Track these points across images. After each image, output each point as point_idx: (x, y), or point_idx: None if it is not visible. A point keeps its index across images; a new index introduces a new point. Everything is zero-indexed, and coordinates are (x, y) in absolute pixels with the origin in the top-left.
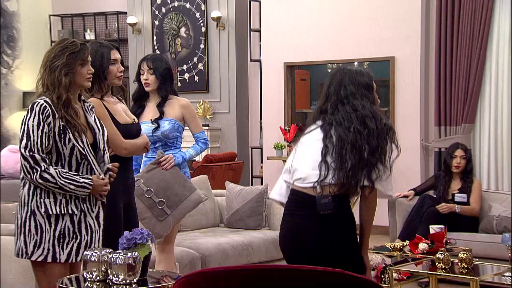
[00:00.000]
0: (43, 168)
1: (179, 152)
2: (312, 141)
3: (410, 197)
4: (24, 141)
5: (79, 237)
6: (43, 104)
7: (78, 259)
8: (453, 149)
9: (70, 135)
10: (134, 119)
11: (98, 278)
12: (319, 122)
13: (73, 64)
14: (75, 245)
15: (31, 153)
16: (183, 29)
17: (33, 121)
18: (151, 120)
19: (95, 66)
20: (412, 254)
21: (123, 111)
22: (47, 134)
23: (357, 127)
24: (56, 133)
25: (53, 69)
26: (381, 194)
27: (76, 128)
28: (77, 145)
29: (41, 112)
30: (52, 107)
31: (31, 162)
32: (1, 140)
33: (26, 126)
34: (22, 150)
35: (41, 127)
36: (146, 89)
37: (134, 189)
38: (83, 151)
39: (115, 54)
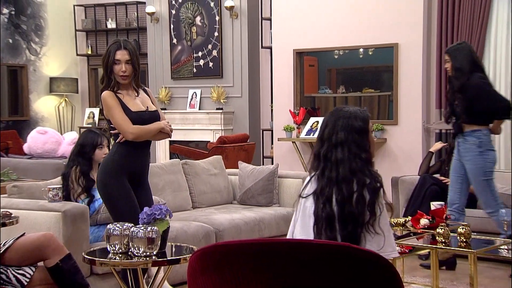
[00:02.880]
0: None
1: None
2: (309, 214)
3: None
4: None
5: None
6: None
7: None
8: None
9: None
10: (147, 107)
11: (120, 250)
12: (314, 183)
13: None
14: None
15: None
16: (198, 18)
17: None
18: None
19: (105, 62)
20: (414, 229)
21: (140, 102)
22: None
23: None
24: None
25: None
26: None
27: None
28: None
29: None
30: None
31: None
32: (30, 122)
33: None
34: None
35: None
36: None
37: (143, 173)
38: None
39: (118, 55)
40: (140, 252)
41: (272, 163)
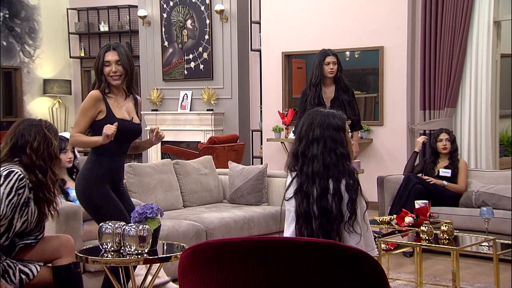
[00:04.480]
0: None
1: None
2: (292, 216)
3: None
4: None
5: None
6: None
7: None
8: (438, 133)
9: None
10: (132, 118)
11: (112, 248)
12: (295, 183)
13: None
14: None
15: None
16: (189, 21)
17: (4, 189)
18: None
19: (96, 65)
20: (399, 227)
21: (125, 109)
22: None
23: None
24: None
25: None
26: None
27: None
28: None
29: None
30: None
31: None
32: None
33: None
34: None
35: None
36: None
37: (120, 179)
38: None
39: (108, 56)
40: (132, 250)
41: (261, 163)
